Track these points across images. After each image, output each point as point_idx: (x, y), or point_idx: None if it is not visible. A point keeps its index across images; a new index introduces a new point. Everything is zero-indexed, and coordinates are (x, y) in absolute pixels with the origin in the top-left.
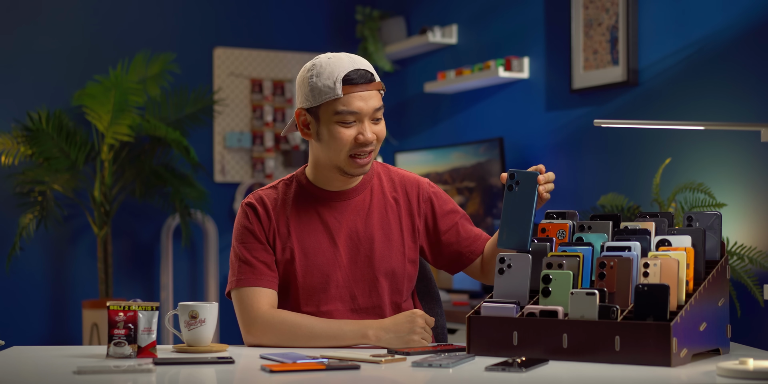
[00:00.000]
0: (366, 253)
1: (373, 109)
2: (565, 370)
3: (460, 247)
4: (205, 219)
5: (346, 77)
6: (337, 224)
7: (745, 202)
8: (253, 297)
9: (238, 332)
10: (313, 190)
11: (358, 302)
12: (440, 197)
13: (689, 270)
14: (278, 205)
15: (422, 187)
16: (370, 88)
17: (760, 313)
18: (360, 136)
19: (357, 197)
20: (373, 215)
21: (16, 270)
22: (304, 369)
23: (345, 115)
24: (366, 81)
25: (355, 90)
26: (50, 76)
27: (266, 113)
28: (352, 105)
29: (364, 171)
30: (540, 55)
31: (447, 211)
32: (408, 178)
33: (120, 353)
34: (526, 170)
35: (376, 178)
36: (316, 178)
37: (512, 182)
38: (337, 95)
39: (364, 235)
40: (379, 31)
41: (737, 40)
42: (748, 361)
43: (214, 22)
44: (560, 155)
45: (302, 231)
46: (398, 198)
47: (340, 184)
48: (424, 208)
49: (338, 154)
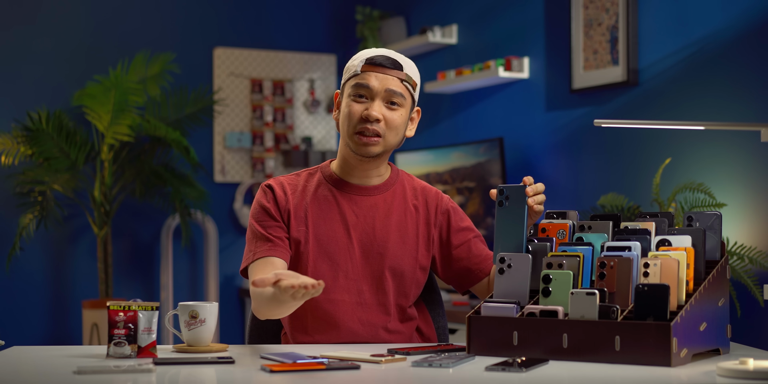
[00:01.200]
0: (379, 250)
1: (385, 90)
2: (565, 370)
3: (469, 263)
4: (205, 219)
5: (369, 58)
6: (354, 218)
7: (745, 202)
8: (264, 268)
9: (239, 332)
10: (336, 181)
11: (364, 297)
12: (458, 213)
13: (689, 270)
14: (298, 191)
15: (442, 200)
16: (390, 72)
17: (760, 313)
18: (365, 111)
19: (379, 196)
20: (392, 216)
21: (16, 270)
22: (304, 369)
23: (358, 88)
24: (389, 64)
25: (374, 69)
26: (50, 76)
27: (266, 113)
28: (365, 80)
29: (368, 153)
30: (540, 55)
31: (462, 228)
32: (430, 189)
33: (120, 353)
34: (514, 185)
35: (399, 184)
36: (341, 170)
37: (502, 198)
38: (356, 72)
39: (380, 234)
40: (379, 31)
41: (737, 40)
42: (748, 361)
43: (214, 22)
44: (560, 155)
45: (319, 218)
46: (418, 206)
47: (362, 176)
48: (441, 220)
49: (347, 130)
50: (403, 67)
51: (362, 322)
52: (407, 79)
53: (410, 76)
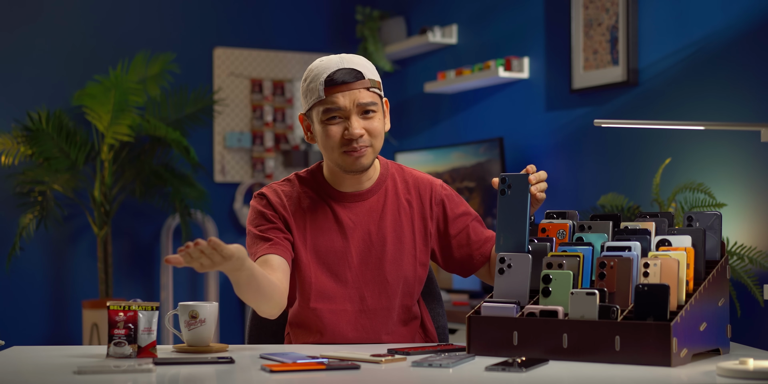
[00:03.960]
0: (377, 255)
1: (356, 105)
2: (565, 370)
3: (470, 250)
4: (205, 219)
5: (328, 78)
6: (352, 225)
7: (745, 202)
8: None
9: (239, 332)
10: (329, 190)
11: (367, 303)
12: (452, 200)
13: (689, 270)
14: (294, 198)
15: (435, 190)
16: (355, 85)
17: (760, 313)
18: (346, 132)
19: (371, 198)
20: (386, 217)
21: (16, 270)
22: (304, 369)
23: (329, 113)
24: (350, 79)
25: (337, 90)
26: (50, 76)
27: (266, 113)
28: (334, 103)
29: (362, 165)
30: (540, 55)
31: (458, 214)
32: (422, 179)
33: (120, 353)
34: (516, 173)
35: (390, 179)
36: (332, 179)
37: (504, 186)
38: (320, 97)
39: (377, 237)
40: (379, 31)
41: (737, 40)
42: (748, 361)
43: (214, 22)
44: (560, 155)
45: (316, 228)
46: (411, 200)
47: (353, 184)
48: (436, 211)
49: (333, 152)
50: (364, 74)
51: (365, 330)
52: (372, 84)
53: (373, 79)
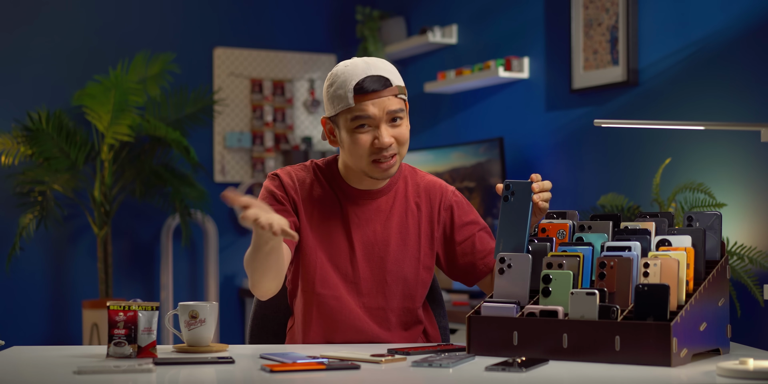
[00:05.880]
0: (379, 254)
1: (386, 113)
2: (565, 370)
3: (474, 258)
4: (205, 219)
5: (357, 86)
6: (357, 221)
7: (745, 202)
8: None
9: (239, 332)
10: (342, 185)
11: (364, 300)
12: (462, 207)
13: (689, 270)
14: (306, 184)
15: (445, 196)
16: (384, 93)
17: (760, 313)
18: (376, 141)
19: (381, 198)
20: (393, 218)
21: (16, 270)
22: (304, 369)
23: (359, 121)
24: (379, 87)
25: (367, 98)
26: (50, 76)
27: (266, 113)
28: (364, 111)
29: (390, 174)
30: (540, 55)
31: (466, 222)
32: (433, 184)
33: (120, 353)
34: (521, 181)
35: (402, 181)
36: (347, 176)
37: (508, 193)
38: (349, 104)
39: (381, 238)
40: (379, 31)
41: (737, 40)
42: (748, 361)
43: (214, 22)
44: (560, 155)
45: (323, 218)
46: (420, 204)
47: (369, 184)
48: (444, 217)
49: (360, 160)
50: (392, 81)
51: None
52: (400, 91)
53: (400, 85)
